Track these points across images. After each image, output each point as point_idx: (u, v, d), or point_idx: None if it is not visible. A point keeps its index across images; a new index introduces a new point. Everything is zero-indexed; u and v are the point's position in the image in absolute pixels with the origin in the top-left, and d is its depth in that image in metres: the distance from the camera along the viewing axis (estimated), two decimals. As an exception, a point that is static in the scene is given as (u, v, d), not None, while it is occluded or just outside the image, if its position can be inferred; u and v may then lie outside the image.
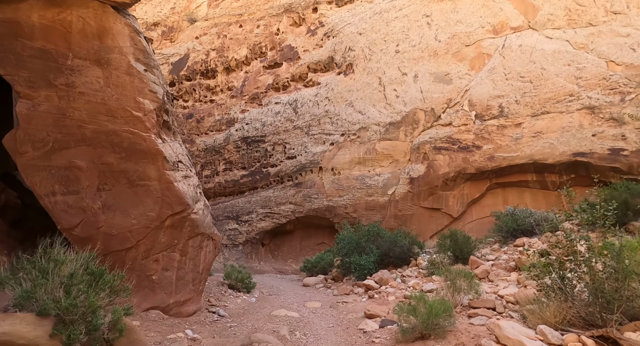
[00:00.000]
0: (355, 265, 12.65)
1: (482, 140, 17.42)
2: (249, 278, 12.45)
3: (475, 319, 6.50)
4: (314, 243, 21.34)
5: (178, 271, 7.74)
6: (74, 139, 6.80)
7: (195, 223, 7.86)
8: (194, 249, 8.09)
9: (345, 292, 12.19)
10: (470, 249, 11.21)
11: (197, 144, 23.95)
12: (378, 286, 11.49)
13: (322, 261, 16.28)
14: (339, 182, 19.82)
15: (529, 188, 17.72)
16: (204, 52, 24.33)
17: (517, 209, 13.47)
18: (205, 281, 8.86)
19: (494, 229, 13.60)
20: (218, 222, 22.58)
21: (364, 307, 9.82)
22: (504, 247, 12.08)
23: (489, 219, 17.80)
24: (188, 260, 7.94)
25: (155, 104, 7.43)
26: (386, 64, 19.84)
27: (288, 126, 21.71)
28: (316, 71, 21.89)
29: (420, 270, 12.07)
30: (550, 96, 16.55)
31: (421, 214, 18.57)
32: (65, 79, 6.72)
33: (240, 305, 10.31)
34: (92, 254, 5.01)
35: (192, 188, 8.17)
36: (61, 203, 6.71)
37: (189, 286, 8.01)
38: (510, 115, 17.11)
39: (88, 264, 4.60)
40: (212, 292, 11.16)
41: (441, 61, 18.85)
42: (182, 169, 8.07)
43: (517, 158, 16.73)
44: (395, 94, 19.39)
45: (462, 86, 18.28)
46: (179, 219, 7.59)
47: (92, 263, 4.79)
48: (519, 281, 8.21)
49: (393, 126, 19.19)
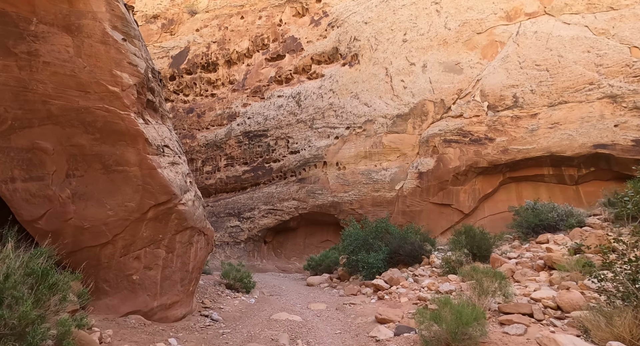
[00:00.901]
0: (363, 263, 11.54)
1: (495, 132, 16.23)
2: (249, 277, 11.37)
3: (510, 327, 5.36)
4: (318, 240, 20.23)
5: (164, 270, 6.65)
6: (38, 117, 5.74)
7: (183, 215, 6.77)
8: (183, 246, 7.01)
9: (352, 292, 11.09)
10: (488, 246, 10.06)
11: (197, 140, 22.93)
12: (388, 286, 10.38)
13: (327, 259, 15.19)
14: (344, 177, 18.70)
15: (544, 183, 16.49)
16: (204, 45, 23.29)
17: (538, 204, 12.28)
18: (196, 281, 7.78)
19: (512, 224, 12.41)
20: (219, 219, 21.54)
21: (374, 310, 8.70)
22: (524, 244, 10.89)
23: (502, 216, 16.62)
24: (175, 258, 6.86)
25: (135, 78, 6.35)
26: (393, 53, 18.69)
27: (291, 120, 20.62)
28: (320, 62, 20.79)
29: (433, 269, 10.94)
30: (569, 85, 15.32)
31: (430, 211, 17.40)
32: (27, 47, 5.65)
33: (238, 307, 9.22)
34: (40, 250, 3.93)
35: (181, 176, 7.09)
36: (22, 190, 5.65)
37: (176, 287, 6.93)
38: (525, 105, 15.90)
39: (28, 263, 3.51)
40: (208, 293, 10.09)
41: (451, 50, 17.67)
42: (169, 154, 6.99)
43: (533, 151, 15.52)
44: (402, 85, 18.24)
45: (473, 76, 17.09)
46: (164, 210, 6.50)
47: (35, 260, 3.70)
48: (552, 281, 7.06)
49: (400, 119, 18.04)
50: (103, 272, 6.17)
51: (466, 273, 7.16)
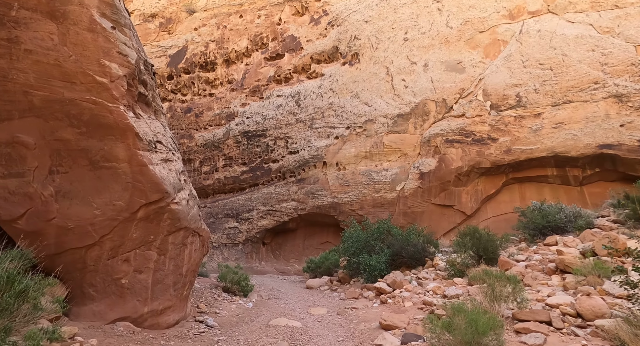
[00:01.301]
0: (365, 266, 11.09)
1: (498, 132, 15.83)
2: (246, 279, 10.91)
3: (528, 337, 4.92)
4: (317, 242, 19.76)
5: (155, 273, 6.20)
6: (19, 109, 5.29)
7: (176, 215, 6.32)
8: (176, 247, 6.55)
9: (353, 296, 10.63)
10: (495, 249, 9.62)
11: (195, 140, 22.46)
12: (391, 289, 9.94)
13: (326, 261, 14.73)
14: (344, 177, 18.26)
15: (548, 183, 16.09)
16: (203, 44, 22.86)
17: (545, 205, 11.86)
18: (191, 284, 7.32)
19: (518, 226, 11.98)
20: (217, 220, 21.06)
21: (377, 315, 8.26)
22: (531, 246, 10.47)
23: (505, 217, 16.21)
24: (168, 260, 6.41)
25: (125, 69, 5.91)
26: (394, 52, 18.30)
27: (290, 120, 20.20)
28: (320, 61, 20.38)
29: (438, 272, 10.50)
30: (573, 84, 14.95)
31: (432, 212, 16.97)
32: (6, 33, 5.22)
33: (235, 312, 8.76)
34: (11, 253, 3.48)
35: (174, 174, 6.64)
36: (0, 187, 5.21)
37: (169, 291, 6.47)
38: (529, 105, 15.51)
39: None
40: (204, 296, 9.62)
41: (453, 49, 17.29)
42: (162, 151, 6.54)
43: (537, 151, 15.12)
44: (403, 85, 17.84)
45: (475, 75, 16.71)
46: (156, 210, 6.05)
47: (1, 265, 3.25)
48: (566, 286, 6.62)
49: (402, 118, 17.63)
50: (89, 276, 5.71)
51: (477, 276, 6.70)
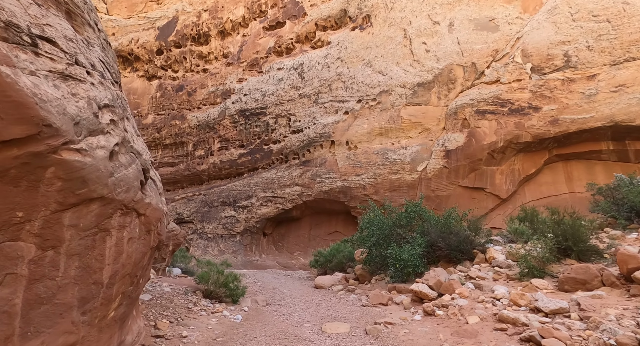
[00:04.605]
0: (395, 260, 7.90)
1: (541, 99, 12.59)
2: (236, 280, 7.70)
3: None
4: (325, 232, 16.58)
5: (32, 285, 3.00)
6: None
7: (77, 172, 3.08)
8: (84, 234, 3.34)
9: (380, 301, 7.46)
10: (587, 238, 6.43)
11: (188, 120, 19.25)
12: (436, 294, 6.77)
13: (338, 254, 11.57)
14: (356, 158, 15.05)
15: (601, 161, 12.86)
16: (194, 14, 19.58)
17: (636, 178, 8.61)
18: (129, 298, 4.14)
19: (599, 207, 8.74)
20: (212, 209, 17.89)
21: (431, 338, 5.10)
22: (628, 233, 7.26)
23: (547, 201, 12.98)
24: (65, 258, 3.20)
25: None
26: (412, 12, 15.01)
27: (293, 95, 16.96)
28: (326, 28, 17.10)
29: (496, 268, 7.32)
30: (637, 38, 11.69)
31: (460, 195, 13.76)
32: None
33: (212, 333, 5.57)
34: None
35: (84, 103, 3.39)
36: None
37: (69, 315, 3.27)
38: (580, 65, 12.25)
39: None
40: (173, 306, 6.42)
41: (483, 4, 14.00)
42: (57, 57, 3.31)
43: (591, 120, 11.89)
44: (424, 49, 14.57)
45: (512, 33, 13.43)
46: (26, 157, 2.82)
47: None
48: None
49: (423, 88, 14.39)
50: None
51: None
